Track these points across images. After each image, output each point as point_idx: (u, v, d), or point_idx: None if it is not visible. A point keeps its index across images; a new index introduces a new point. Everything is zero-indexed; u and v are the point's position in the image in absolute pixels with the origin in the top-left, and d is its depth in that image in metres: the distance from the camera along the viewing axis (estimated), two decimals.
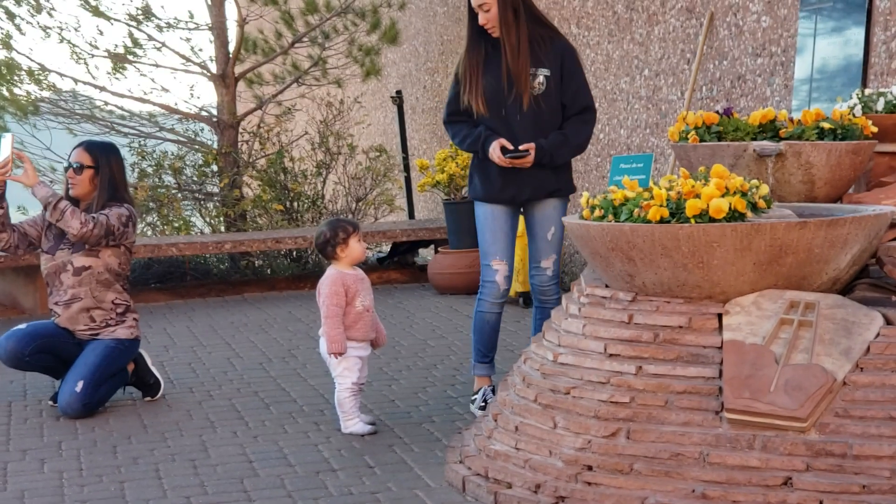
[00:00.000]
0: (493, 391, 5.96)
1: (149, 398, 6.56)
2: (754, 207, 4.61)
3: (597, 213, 4.83)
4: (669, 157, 8.35)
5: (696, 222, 4.48)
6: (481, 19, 5.93)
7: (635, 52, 8.97)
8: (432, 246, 11.08)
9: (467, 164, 9.68)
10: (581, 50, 9.63)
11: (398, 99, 13.21)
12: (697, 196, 4.55)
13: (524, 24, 5.93)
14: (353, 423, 5.68)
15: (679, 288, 4.60)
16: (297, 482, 4.99)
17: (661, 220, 4.55)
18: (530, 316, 8.50)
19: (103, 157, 6.45)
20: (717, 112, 5.64)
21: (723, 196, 4.53)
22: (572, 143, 5.97)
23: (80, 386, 6.14)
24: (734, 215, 4.51)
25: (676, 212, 4.56)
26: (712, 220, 4.49)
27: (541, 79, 5.92)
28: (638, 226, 4.56)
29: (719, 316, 4.55)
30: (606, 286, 4.94)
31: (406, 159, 13.00)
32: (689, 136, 5.57)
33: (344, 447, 5.47)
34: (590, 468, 4.44)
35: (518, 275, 8.81)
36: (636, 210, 4.65)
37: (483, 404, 5.91)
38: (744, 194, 4.60)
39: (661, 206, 4.58)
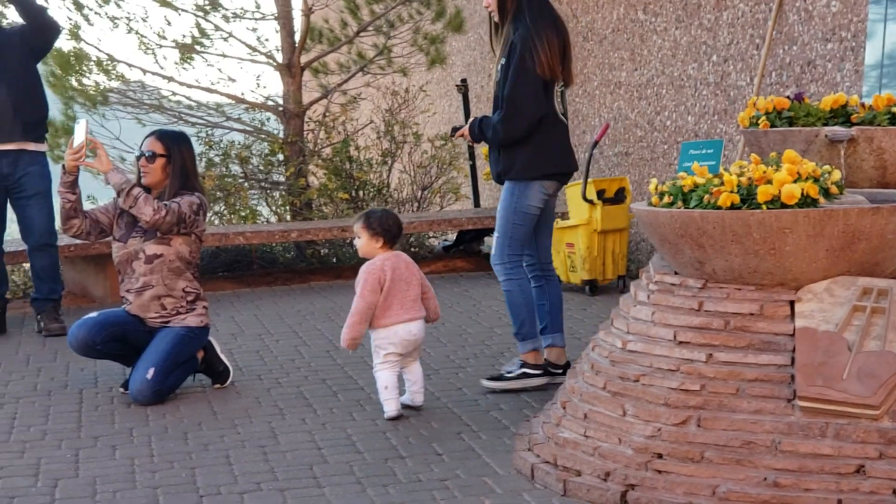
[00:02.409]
0: None
1: (218, 385, 6.61)
2: (826, 193, 4.56)
3: (666, 199, 4.80)
4: (738, 144, 8.29)
5: (768, 208, 4.45)
6: (485, 2, 6.29)
7: (703, 38, 8.91)
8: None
9: None
10: (648, 36, 9.58)
11: (463, 87, 13.18)
12: (769, 182, 4.51)
13: (512, 12, 6.15)
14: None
15: (750, 275, 4.56)
16: (366, 469, 5.01)
17: (732, 207, 4.52)
18: (596, 304, 8.49)
19: (175, 146, 6.51)
20: (788, 97, 5.59)
21: (795, 182, 4.49)
22: (490, 126, 6.24)
23: (151, 373, 6.20)
24: (806, 201, 4.47)
25: (747, 198, 4.53)
26: (784, 206, 4.45)
27: (498, 67, 6.19)
28: (708, 212, 4.53)
29: (791, 303, 4.51)
30: (675, 273, 4.91)
31: (471, 147, 12.98)
32: (759, 121, 5.52)
33: (412, 434, 5.48)
34: (660, 456, 4.43)
35: (584, 262, 8.78)
36: (706, 196, 4.62)
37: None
38: (816, 180, 4.55)
39: (731, 192, 4.54)
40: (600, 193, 8.78)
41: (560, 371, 6.30)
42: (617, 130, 10.10)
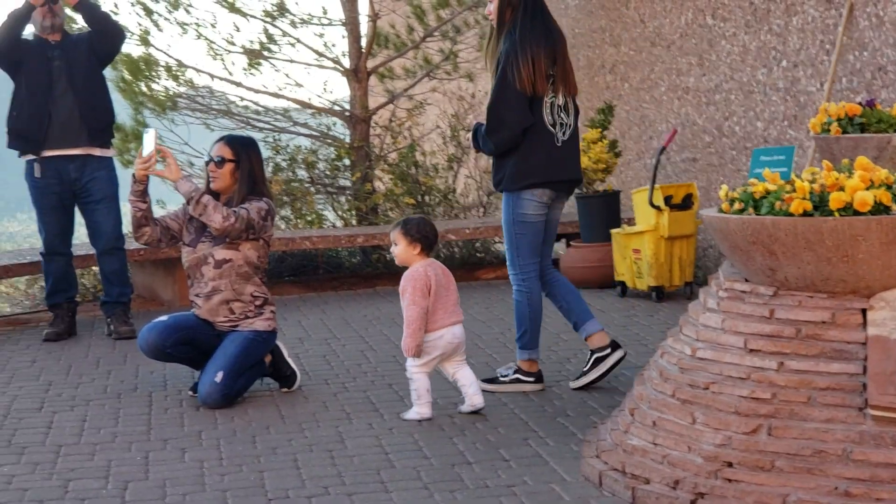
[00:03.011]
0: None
1: (285, 389, 6.64)
2: None
3: (736, 206, 4.77)
4: (808, 150, 8.21)
5: (841, 215, 4.40)
6: (487, 9, 6.46)
7: (773, 43, 8.84)
8: (563, 240, 11.04)
9: (600, 158, 9.64)
10: (716, 41, 9.52)
11: None
12: (842, 189, 4.47)
13: (508, 24, 6.26)
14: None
15: (822, 282, 4.52)
16: (433, 474, 5.01)
17: (804, 214, 4.48)
18: (662, 311, 8.44)
19: (243, 151, 6.55)
20: (860, 103, 5.53)
21: (867, 189, 4.44)
22: (481, 136, 6.35)
23: (219, 377, 6.24)
24: (879, 208, 4.42)
25: (819, 205, 4.48)
26: (857, 213, 4.40)
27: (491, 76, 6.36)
28: (780, 219, 4.49)
29: (863, 311, 4.46)
30: (746, 280, 4.87)
31: None
32: (831, 127, 5.47)
33: (479, 440, 5.48)
34: (730, 465, 4.40)
35: (651, 269, 8.74)
36: (778, 203, 4.58)
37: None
38: (889, 187, 4.50)
39: (803, 198, 4.50)
40: (667, 199, 8.74)
41: (609, 351, 6.41)
42: (684, 136, 10.04)
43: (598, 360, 6.36)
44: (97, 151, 8.39)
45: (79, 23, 10.14)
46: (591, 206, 9.68)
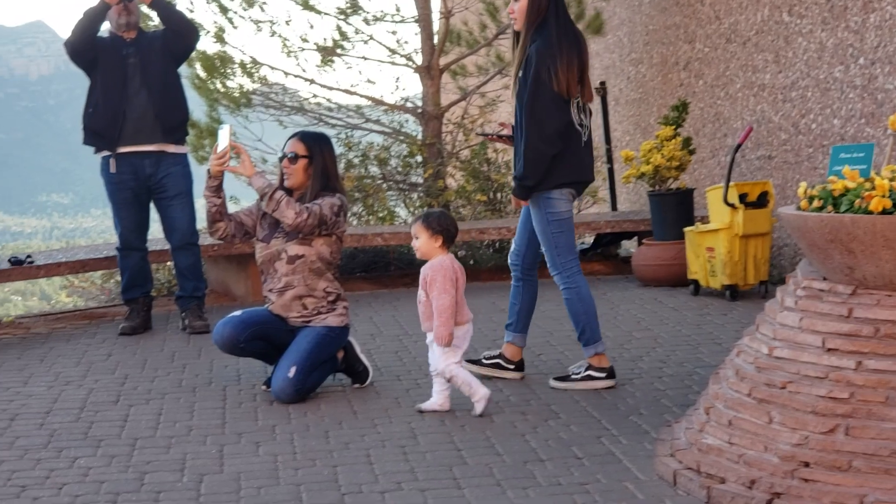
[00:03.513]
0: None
1: (358, 385, 6.66)
2: None
3: (815, 203, 4.71)
4: (885, 148, 8.10)
5: None
6: (509, 8, 6.44)
7: (850, 40, 8.73)
8: (635, 238, 10.98)
9: (673, 156, 9.58)
10: (793, 38, 9.42)
11: (601, 90, 13.12)
12: None
13: (535, 25, 6.29)
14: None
15: None
16: (506, 471, 5.00)
17: (884, 212, 4.42)
18: (736, 309, 8.37)
19: (317, 147, 6.58)
20: None
21: None
22: (521, 169, 6.34)
23: (293, 371, 6.27)
24: None
25: None
26: None
27: (516, 79, 6.36)
28: (859, 217, 4.43)
29: None
30: (824, 279, 4.81)
31: (609, 150, 12.91)
32: None
33: (551, 438, 5.46)
34: (806, 465, 4.35)
35: (725, 267, 8.67)
36: (857, 201, 4.52)
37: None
38: None
39: (883, 196, 4.44)
40: (742, 197, 8.66)
41: (512, 367, 6.67)
42: (760, 133, 9.95)
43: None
44: (171, 148, 8.47)
45: (154, 20, 10.23)
46: (664, 204, 9.62)
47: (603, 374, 6.41)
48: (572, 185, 6.45)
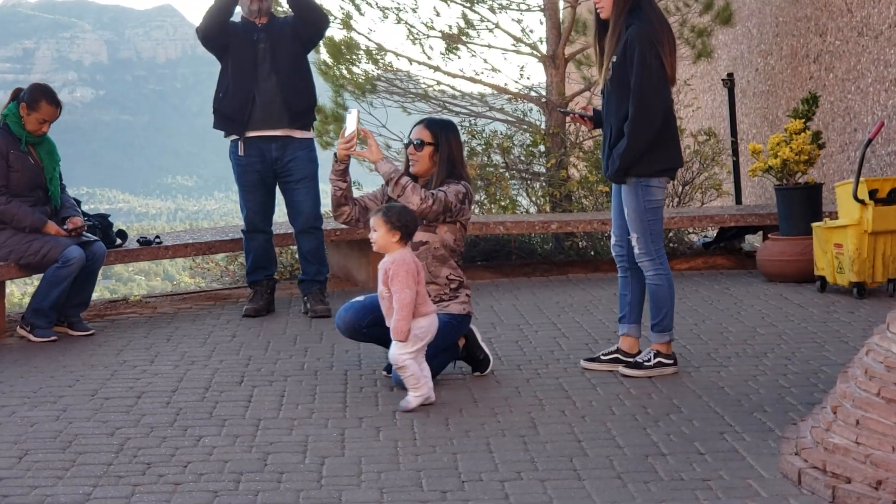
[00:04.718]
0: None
1: (478, 373, 6.67)
2: None
3: None
4: None
5: None
6: None
7: None
8: (760, 232, 10.84)
9: (802, 150, 9.41)
10: None
11: (729, 82, 12.96)
12: None
13: (626, 11, 6.31)
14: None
15: None
16: (626, 464, 4.97)
17: None
18: (864, 307, 8.22)
19: (443, 135, 6.59)
20: None
21: None
22: (621, 149, 6.36)
23: None
24: None
25: None
26: None
27: (609, 64, 6.35)
28: None
29: None
30: None
31: (735, 143, 12.75)
32: None
33: (673, 432, 5.41)
34: None
35: (853, 264, 8.51)
36: None
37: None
38: None
39: None
40: (872, 193, 8.49)
41: (630, 360, 6.60)
42: (891, 129, 9.75)
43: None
44: (298, 133, 8.55)
45: (285, 6, 10.33)
46: (791, 199, 9.47)
47: (671, 361, 6.54)
48: (670, 171, 6.54)
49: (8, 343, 7.92)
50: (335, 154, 6.58)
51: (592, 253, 11.32)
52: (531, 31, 12.91)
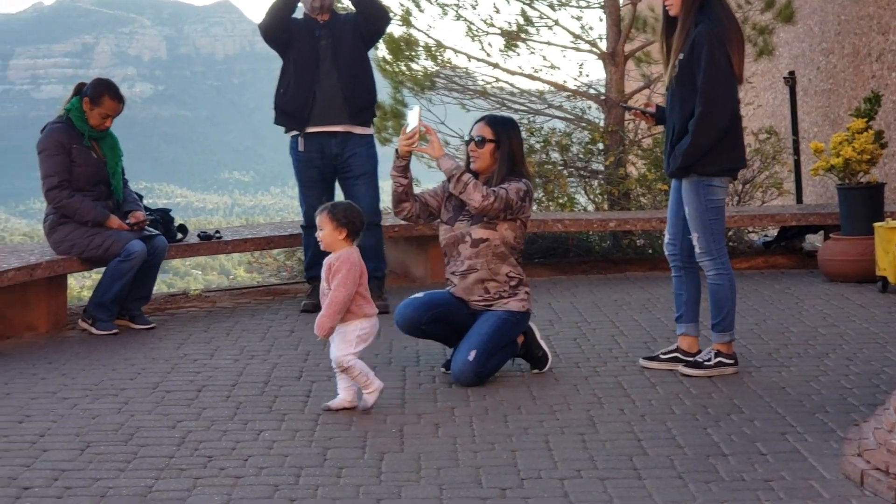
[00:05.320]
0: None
1: (536, 371, 6.66)
2: None
3: None
4: None
5: None
6: None
7: None
8: (821, 232, 10.75)
9: (864, 149, 9.32)
10: None
11: (791, 80, 12.86)
12: None
13: (695, 8, 6.27)
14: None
15: None
16: (687, 464, 4.94)
17: None
18: None
19: (504, 132, 6.59)
20: None
21: None
22: (684, 146, 6.31)
23: (472, 355, 6.30)
24: None
25: None
26: None
27: (676, 62, 6.32)
28: None
29: None
30: None
31: (796, 142, 12.65)
32: None
33: (734, 432, 5.38)
34: None
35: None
36: None
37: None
38: None
39: None
40: None
41: (690, 359, 6.55)
42: None
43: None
44: (358, 129, 8.58)
45: (346, 3, 10.37)
46: (853, 198, 9.39)
47: (731, 361, 6.50)
48: (732, 171, 6.53)
49: (70, 336, 8.00)
50: (396, 150, 6.59)
51: (650, 251, 11.27)
52: (591, 28, 12.82)
